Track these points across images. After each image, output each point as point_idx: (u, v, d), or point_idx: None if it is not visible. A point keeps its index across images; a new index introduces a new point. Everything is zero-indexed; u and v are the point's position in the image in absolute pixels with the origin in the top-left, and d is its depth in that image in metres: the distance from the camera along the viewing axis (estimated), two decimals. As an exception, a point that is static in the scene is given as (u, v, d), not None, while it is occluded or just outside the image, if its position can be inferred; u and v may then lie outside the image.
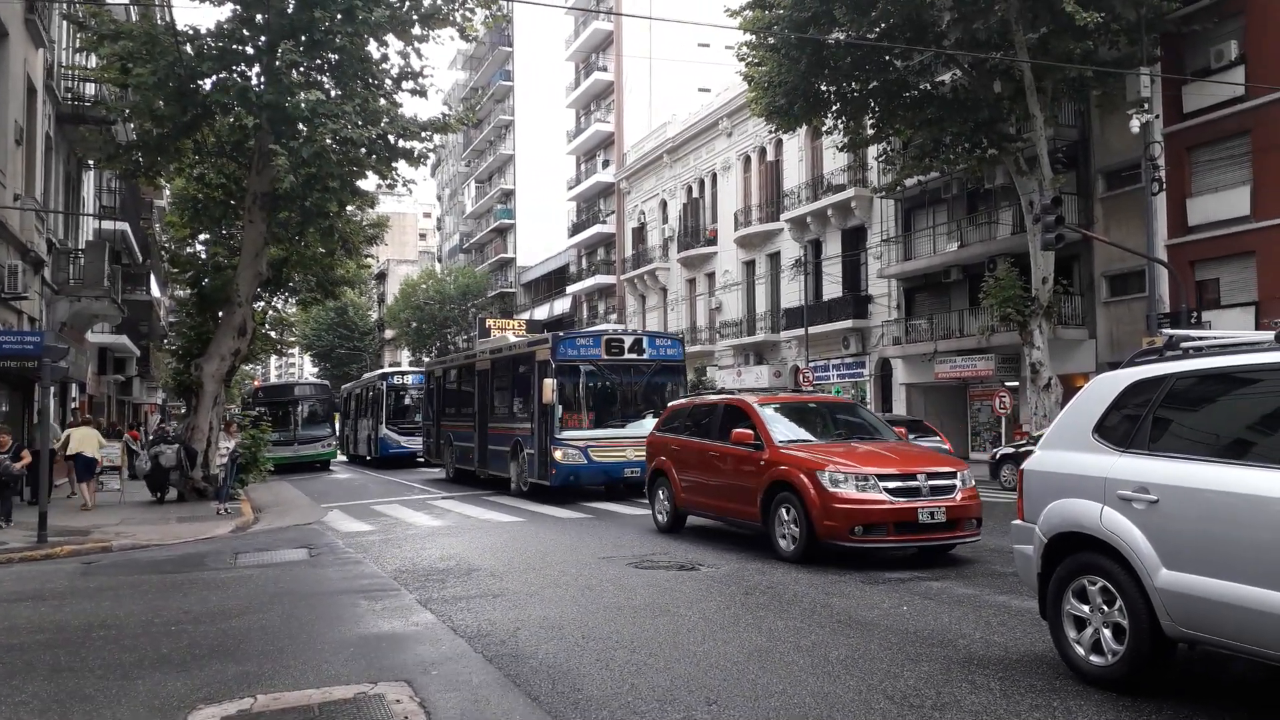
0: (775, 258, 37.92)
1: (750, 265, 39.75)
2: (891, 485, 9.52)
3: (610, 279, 52.16)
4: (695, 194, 44.11)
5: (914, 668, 5.78)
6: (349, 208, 22.21)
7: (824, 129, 27.48)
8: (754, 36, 23.67)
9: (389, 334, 78.67)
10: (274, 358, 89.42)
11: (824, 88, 23.87)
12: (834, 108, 24.59)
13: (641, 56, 51.21)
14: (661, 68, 51.15)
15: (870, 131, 25.35)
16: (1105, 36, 20.67)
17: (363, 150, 17.53)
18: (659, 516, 12.79)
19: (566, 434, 16.95)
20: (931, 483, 9.65)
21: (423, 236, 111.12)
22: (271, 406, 30.55)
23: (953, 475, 9.90)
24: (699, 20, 25.42)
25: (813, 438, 10.94)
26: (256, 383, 52.44)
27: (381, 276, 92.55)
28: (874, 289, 32.95)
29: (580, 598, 8.16)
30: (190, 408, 22.77)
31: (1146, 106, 20.35)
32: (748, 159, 40.19)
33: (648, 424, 16.15)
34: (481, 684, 5.62)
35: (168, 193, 32.58)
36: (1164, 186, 21.07)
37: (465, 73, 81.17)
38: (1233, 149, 22.23)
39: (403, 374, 33.52)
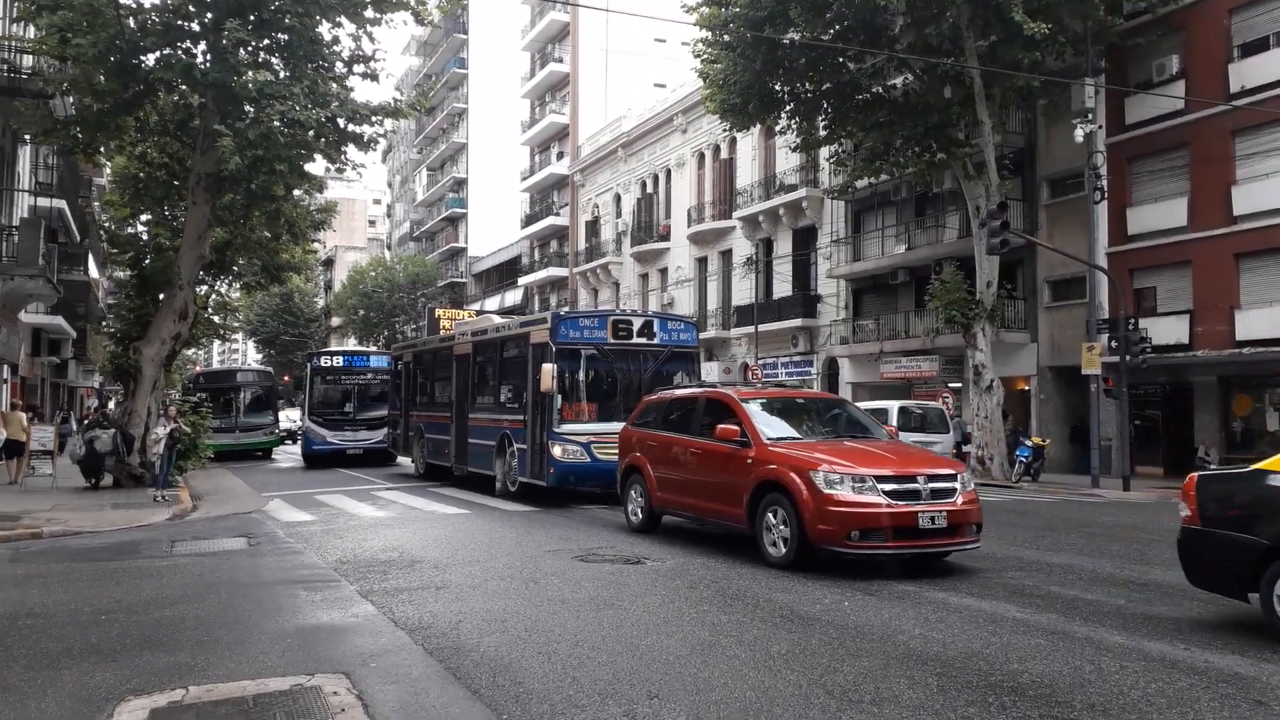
0: (727, 255, 38.11)
1: (703, 262, 39.89)
2: (890, 487, 8.86)
3: (563, 271, 51.99)
4: (649, 189, 44.14)
5: (853, 663, 5.85)
6: (296, 191, 21.82)
7: (777, 128, 27.68)
8: (710, 34, 23.75)
9: (336, 321, 77.55)
10: (217, 343, 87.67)
11: (778, 87, 24.04)
12: (787, 108, 24.78)
13: (598, 49, 51.06)
14: (618, 61, 51.06)
15: (823, 132, 25.60)
16: (1052, 47, 21.12)
17: (311, 133, 17.18)
18: (632, 517, 12.00)
19: (567, 428, 14.82)
20: (932, 485, 9.03)
21: (372, 223, 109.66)
22: (213, 392, 29.91)
23: (953, 477, 9.29)
24: (656, 15, 25.44)
25: (802, 435, 10.29)
26: (198, 368, 51.35)
27: (329, 263, 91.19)
28: (823, 289, 33.28)
29: (525, 591, 8.12)
30: (128, 392, 22.20)
31: (1090, 117, 20.85)
32: (702, 156, 40.31)
33: None
34: (421, 676, 5.56)
35: (108, 171, 31.71)
36: (1105, 195, 21.61)
37: (419, 59, 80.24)
38: (1172, 161, 22.87)
39: (332, 354, 29.07)
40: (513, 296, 57.88)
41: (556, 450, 14.75)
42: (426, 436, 21.07)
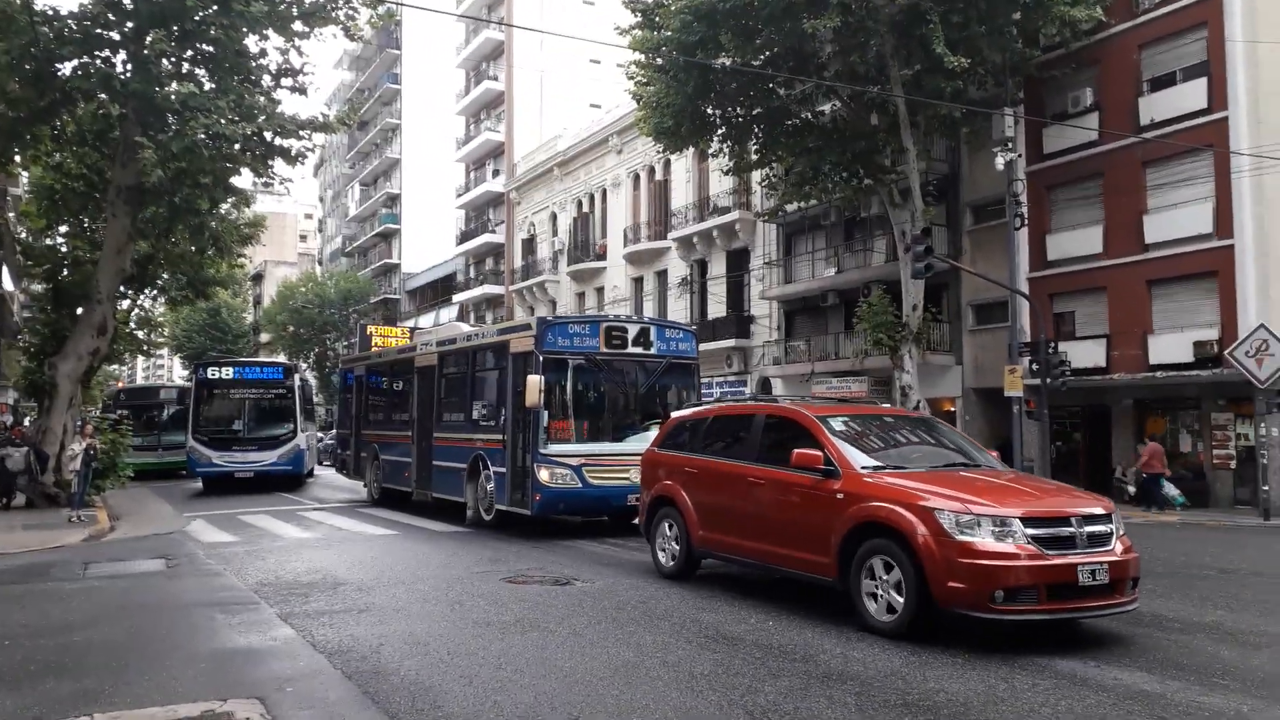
0: (663, 275, 38.35)
1: (639, 282, 40.08)
2: (1037, 532, 6.94)
3: (499, 289, 51.72)
4: (585, 208, 44.24)
5: (775, 682, 5.92)
6: (222, 205, 21.41)
7: (710, 151, 28.01)
8: (643, 56, 23.97)
9: (265, 337, 75.90)
10: (140, 359, 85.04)
11: (710, 111, 24.35)
12: (720, 131, 25.10)
13: (533, 69, 51.15)
14: (553, 81, 51.18)
15: (754, 156, 25.98)
16: (973, 77, 21.78)
17: (237, 146, 16.93)
18: (662, 557, 10.01)
19: (555, 448, 13.12)
20: (1087, 529, 7.13)
21: (303, 238, 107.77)
22: (135, 410, 29.00)
23: (1107, 518, 7.33)
24: (590, 37, 25.60)
25: (903, 462, 8.31)
26: (120, 384, 49.70)
27: (258, 278, 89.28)
28: (756, 310, 33.69)
29: (449, 613, 8.04)
30: (43, 409, 21.42)
31: (1010, 146, 21.52)
32: (637, 177, 40.57)
33: (652, 438, 13.26)
34: (338, 701, 5.48)
35: (24, 181, 30.68)
36: (1026, 222, 22.30)
37: (352, 73, 79.36)
38: (1087, 190, 23.73)
39: (220, 365, 25.56)
40: (447, 314, 57.34)
41: (543, 474, 13.00)
42: (382, 459, 19.17)
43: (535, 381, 12.92)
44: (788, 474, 8.35)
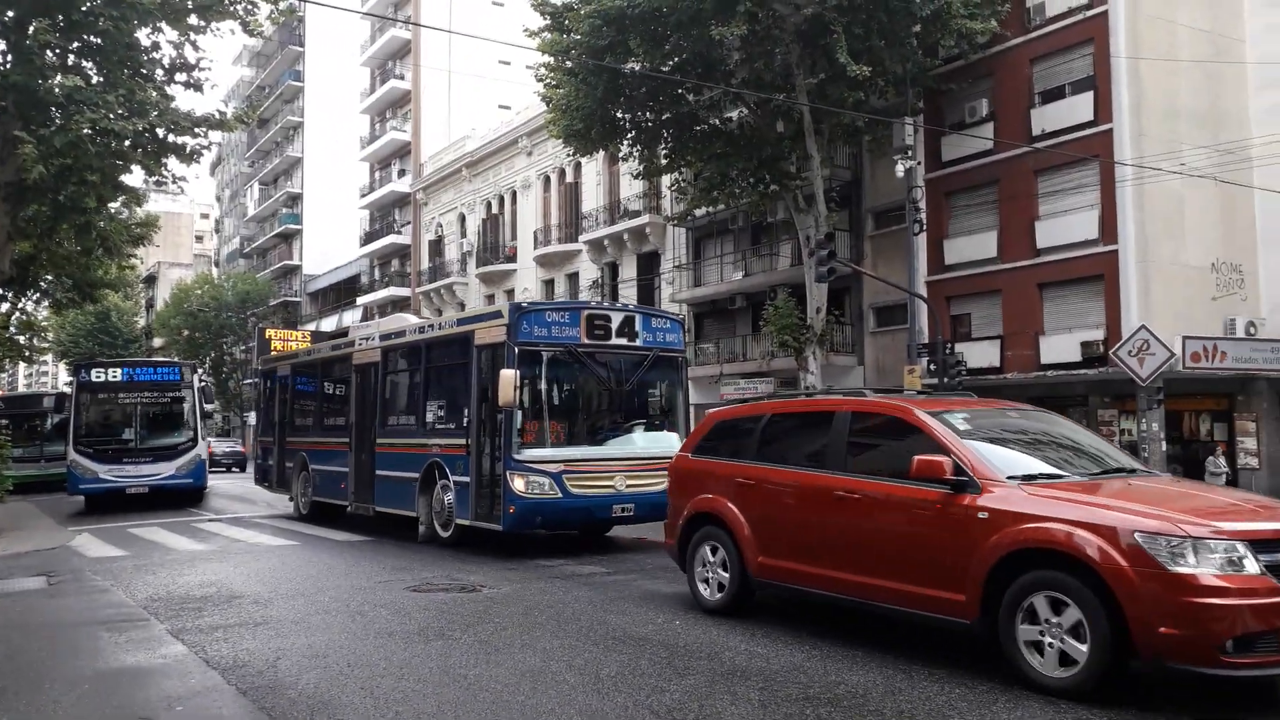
0: (574, 277, 38.28)
1: (550, 284, 39.91)
2: (1273, 558, 5.46)
3: (405, 291, 50.85)
4: (495, 210, 43.87)
5: (680, 681, 5.95)
6: (111, 204, 20.48)
7: (620, 155, 28.08)
8: (552, 59, 23.92)
9: (158, 342, 72.99)
10: (22, 366, 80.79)
11: (620, 115, 24.43)
12: (629, 135, 25.20)
13: (441, 68, 50.49)
14: (461, 81, 50.61)
15: (664, 161, 26.17)
16: (875, 87, 22.36)
17: (127, 143, 16.19)
18: (704, 588, 8.27)
19: (531, 453, 11.57)
20: None
21: (199, 239, 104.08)
22: (15, 419, 27.50)
23: None
24: (499, 38, 25.40)
25: (1054, 469, 6.69)
26: (1, 391, 47.13)
27: (151, 280, 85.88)
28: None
29: (350, 624, 7.85)
30: (-90, 419, 20.16)
31: (910, 154, 22.14)
32: (548, 179, 40.41)
33: (640, 440, 12.41)
34: (232, 718, 5.29)
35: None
36: (924, 228, 22.97)
37: (252, 69, 77.01)
38: (983, 197, 24.60)
39: (106, 366, 22.04)
40: (351, 317, 56.11)
41: (518, 483, 11.42)
42: (312, 469, 17.21)
43: (509, 377, 11.32)
44: (896, 487, 6.70)
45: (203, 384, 22.69)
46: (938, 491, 6.38)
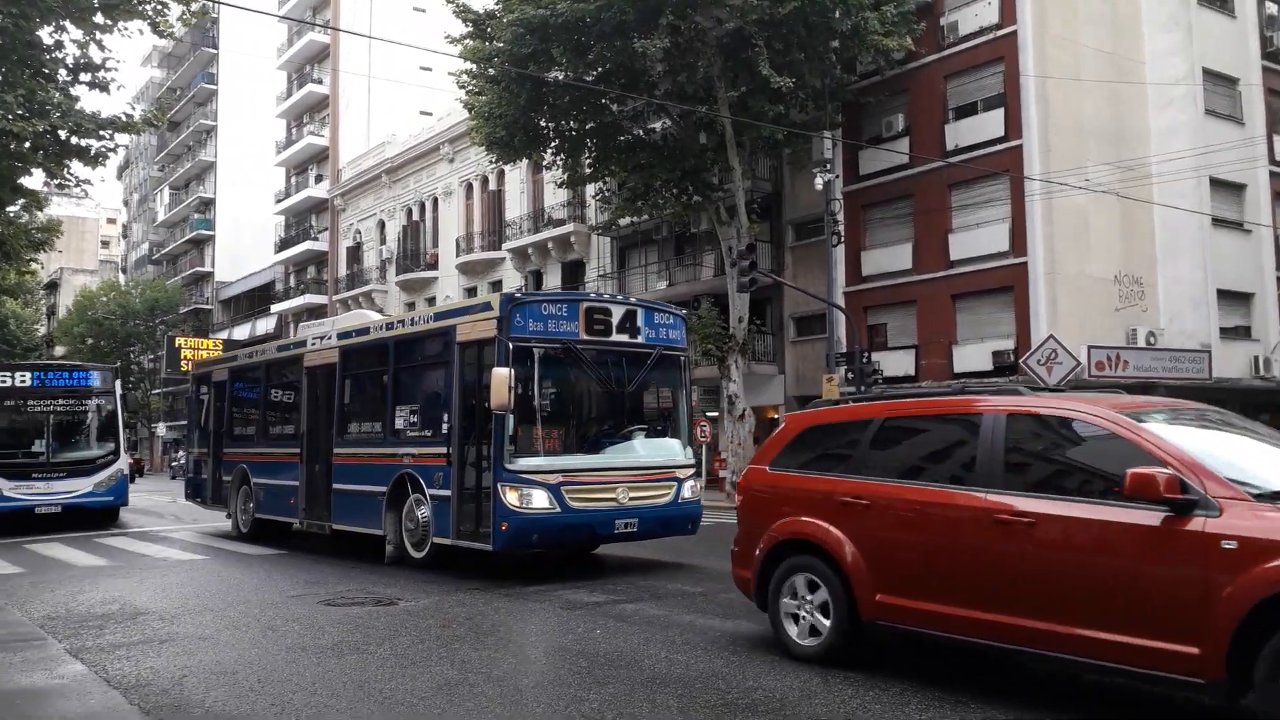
0: (498, 285, 37.98)
1: (472, 292, 39.53)
2: None
3: (321, 299, 49.81)
4: (416, 217, 43.34)
5: (600, 690, 5.92)
6: (10, 207, 19.63)
7: (544, 164, 28.02)
8: (474, 66, 23.77)
9: (60, 350, 70.05)
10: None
11: (544, 124, 24.41)
12: (553, 144, 25.20)
13: (360, 73, 49.71)
14: (381, 86, 49.89)
15: (588, 170, 26.21)
16: (795, 101, 22.78)
17: (27, 145, 15.58)
18: (793, 631, 6.69)
19: (525, 462, 10.36)
20: None
21: (105, 244, 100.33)
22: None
23: None
24: (420, 44, 25.13)
25: None
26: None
27: (53, 286, 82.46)
28: (589, 321, 33.88)
29: (261, 639, 7.62)
30: None
31: (829, 167, 22.61)
32: (470, 186, 40.10)
33: (641, 448, 11.32)
34: (133, 740, 5.07)
35: None
36: (842, 239, 23.45)
37: (162, 71, 74.71)
38: (899, 210, 25.23)
39: (13, 371, 19.51)
40: (265, 325, 54.76)
41: (511, 497, 10.17)
42: (254, 483, 15.62)
43: (504, 376, 10.01)
44: (1088, 508, 5.42)
45: (124, 390, 20.69)
46: (1154, 513, 5.05)
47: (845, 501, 6.52)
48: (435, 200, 42.00)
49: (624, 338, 11.31)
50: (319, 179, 52.62)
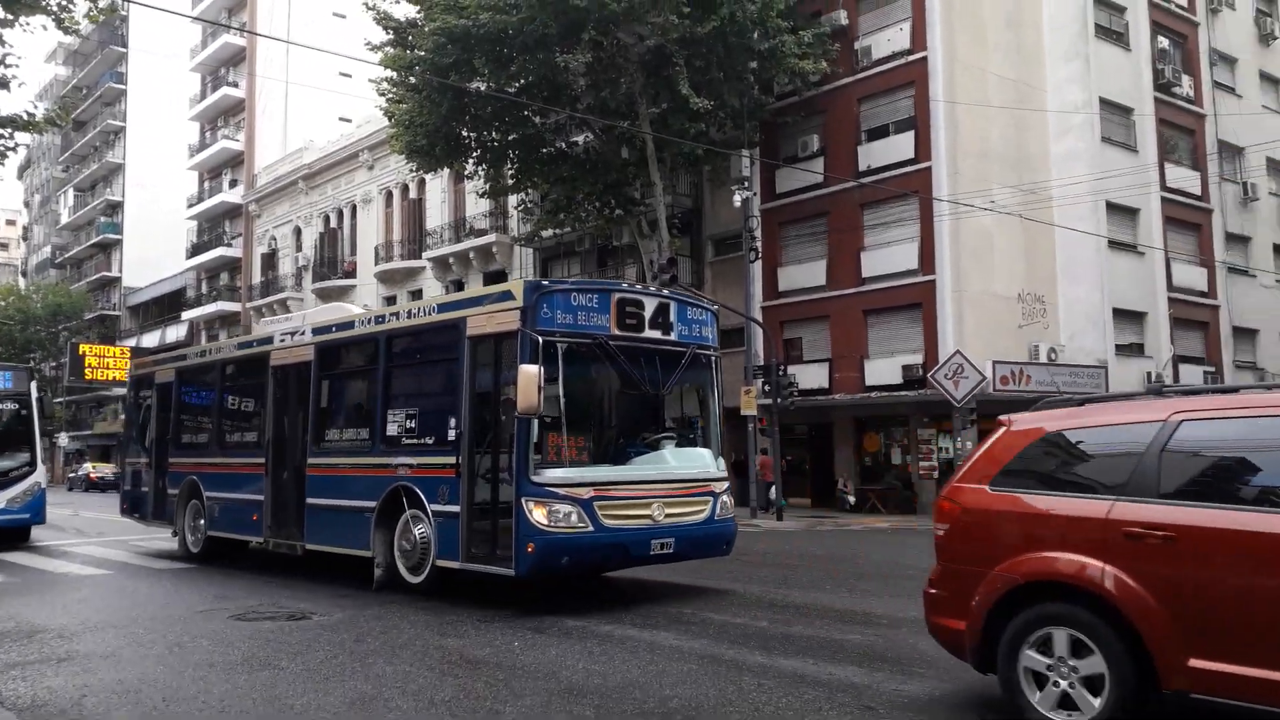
0: (417, 294, 37.59)
1: (391, 300, 39.01)
2: None
3: (235, 306, 48.59)
4: (333, 224, 42.63)
5: (516, 703, 5.96)
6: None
7: (466, 173, 27.90)
8: (395, 74, 23.60)
9: (-50, 358, 66.76)
10: None
11: (465, 133, 24.35)
12: (475, 154, 25.15)
13: (277, 78, 48.74)
14: (299, 91, 49.01)
15: (510, 181, 26.22)
16: (715, 119, 23.19)
17: (-80, 142, 14.92)
18: (1039, 704, 5.11)
19: (553, 474, 9.17)
20: None
21: (4, 246, 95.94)
22: None
23: None
24: (339, 50, 24.81)
25: None
26: None
27: (-56, 290, 78.41)
28: (510, 332, 33.76)
29: (167, 656, 7.45)
30: None
31: (747, 185, 23.06)
32: (390, 194, 39.63)
33: (672, 459, 10.12)
34: (31, 762, 4.94)
35: None
36: (760, 256, 23.92)
37: (67, 69, 71.98)
38: (814, 228, 25.85)
39: None
40: (175, 332, 53.15)
41: (538, 514, 8.91)
42: (208, 496, 13.98)
43: (533, 375, 8.78)
44: None
45: (41, 394, 18.25)
46: None
47: (1133, 533, 4.92)
48: (354, 207, 41.40)
49: (656, 334, 10.07)
50: (234, 184, 51.38)
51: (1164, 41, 28.72)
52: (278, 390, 12.85)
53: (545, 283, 9.67)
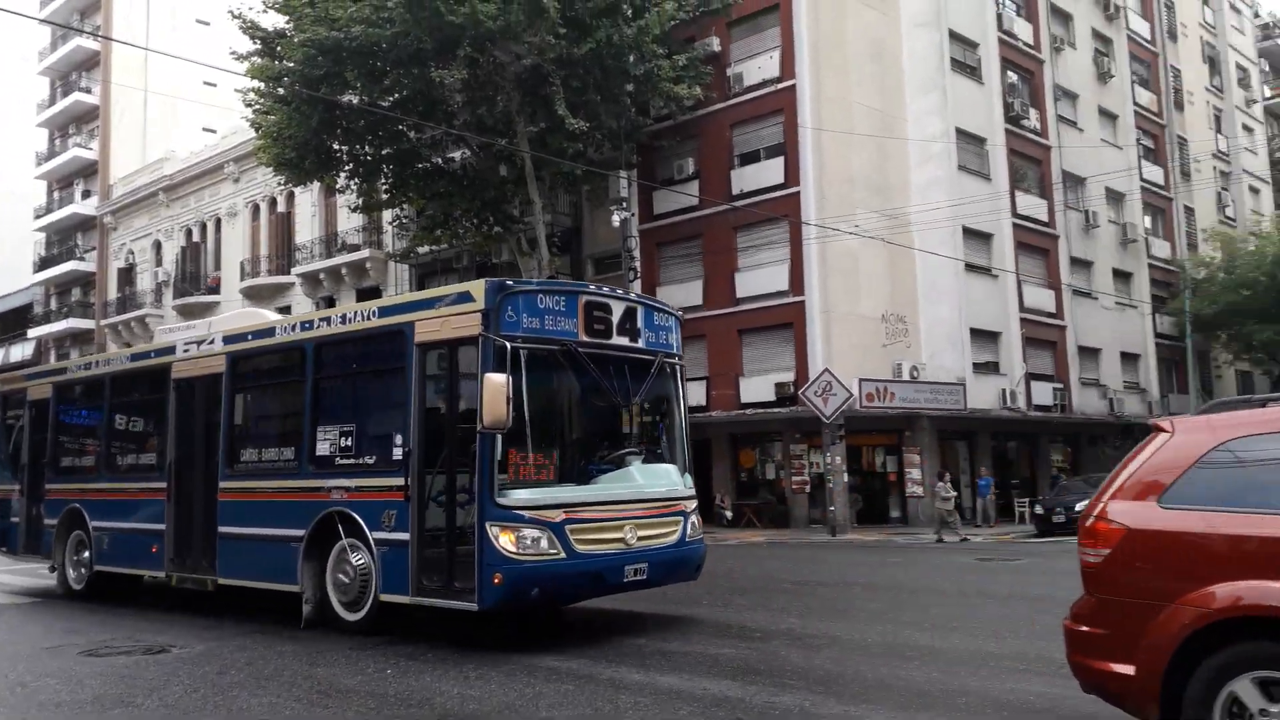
0: (286, 311, 36.33)
1: (255, 319, 37.68)
2: None
3: (88, 323, 45.92)
4: (196, 238, 40.93)
5: (388, 730, 5.87)
6: None
7: (338, 187, 27.28)
8: (263, 85, 22.92)
9: None
10: None
11: (337, 147, 23.85)
12: (347, 168, 24.63)
13: (136, 85, 46.49)
14: (159, 100, 46.87)
15: (384, 196, 25.78)
16: (592, 140, 23.42)
17: None
18: None
19: (520, 495, 8.28)
20: None
21: None
22: None
23: None
24: (202, 58, 23.95)
25: None
26: None
27: None
28: (384, 351, 33.07)
29: (9, 697, 6.99)
30: None
31: (625, 205, 23.34)
32: (257, 207, 38.33)
33: (640, 476, 9.31)
34: None
35: None
36: (639, 275, 24.23)
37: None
38: (690, 249, 26.38)
39: None
40: (21, 350, 49.78)
41: (504, 540, 8.03)
42: (95, 526, 12.51)
43: (500, 385, 7.86)
44: None
45: None
46: None
47: None
48: (218, 221, 39.83)
49: (624, 340, 9.30)
50: (86, 194, 48.61)
51: (1013, 76, 30.60)
52: (181, 406, 11.57)
53: (510, 283, 8.71)
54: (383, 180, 25.25)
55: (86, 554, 12.68)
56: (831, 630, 9.16)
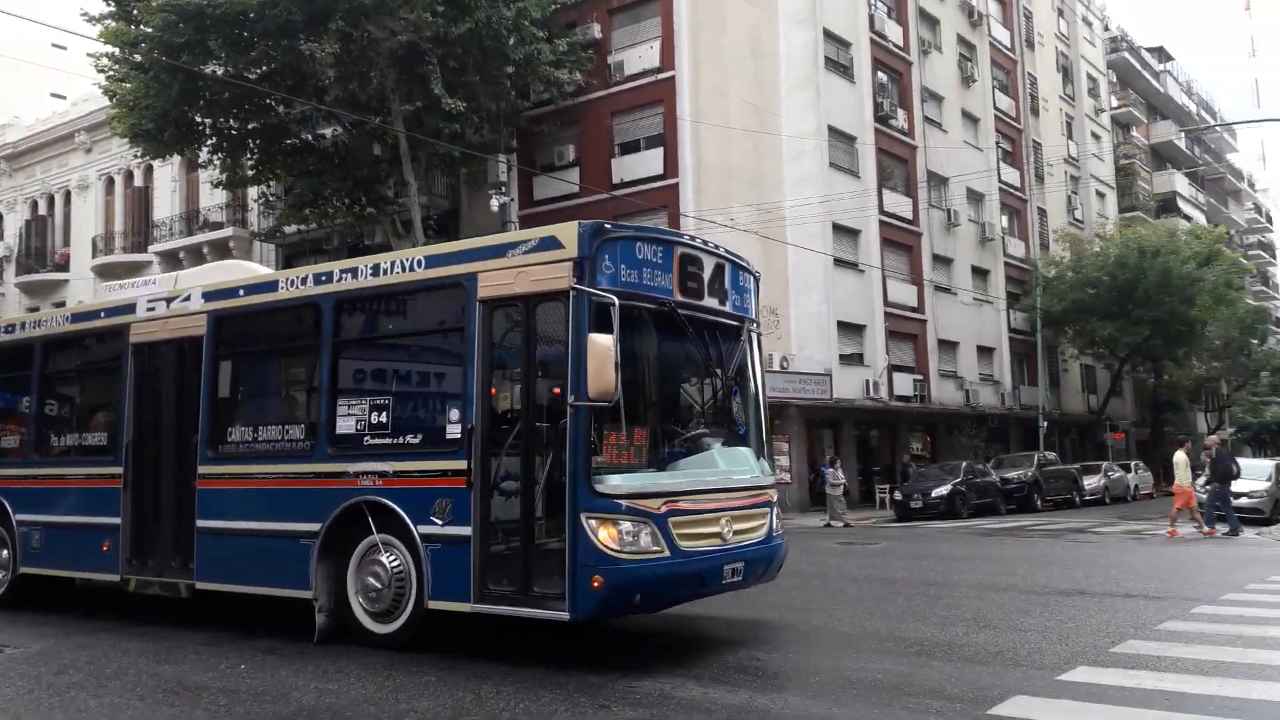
0: (139, 292, 34.56)
1: (107, 298, 35.65)
2: None
3: (-86, 300, 42.45)
4: (43, 211, 38.41)
5: (239, 728, 5.71)
6: None
7: (199, 161, 26.05)
8: (117, 50, 21.65)
9: None
10: None
11: (199, 119, 22.79)
12: (210, 141, 23.56)
13: (-26, 44, 43.14)
14: (2, 63, 43.64)
15: (250, 172, 24.76)
16: (471, 122, 23.07)
17: None
18: None
19: (618, 482, 6.92)
20: None
21: None
22: None
23: None
24: (48, 20, 22.37)
25: None
26: None
27: None
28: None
29: None
30: None
31: (504, 190, 23.11)
32: (111, 180, 36.22)
33: (723, 460, 7.99)
34: None
35: None
36: (516, 261, 24.06)
37: None
38: (570, 236, 26.33)
39: None
40: None
41: (604, 534, 6.68)
42: (21, 520, 10.61)
43: (606, 348, 6.58)
44: None
45: None
46: None
47: None
48: (68, 193, 37.46)
49: (714, 302, 7.92)
50: (-86, 159, 44.87)
51: (883, 77, 31.69)
52: (142, 376, 9.80)
53: (608, 225, 7.31)
54: (248, 155, 24.23)
55: (4, 553, 10.83)
56: (688, 612, 9.26)
